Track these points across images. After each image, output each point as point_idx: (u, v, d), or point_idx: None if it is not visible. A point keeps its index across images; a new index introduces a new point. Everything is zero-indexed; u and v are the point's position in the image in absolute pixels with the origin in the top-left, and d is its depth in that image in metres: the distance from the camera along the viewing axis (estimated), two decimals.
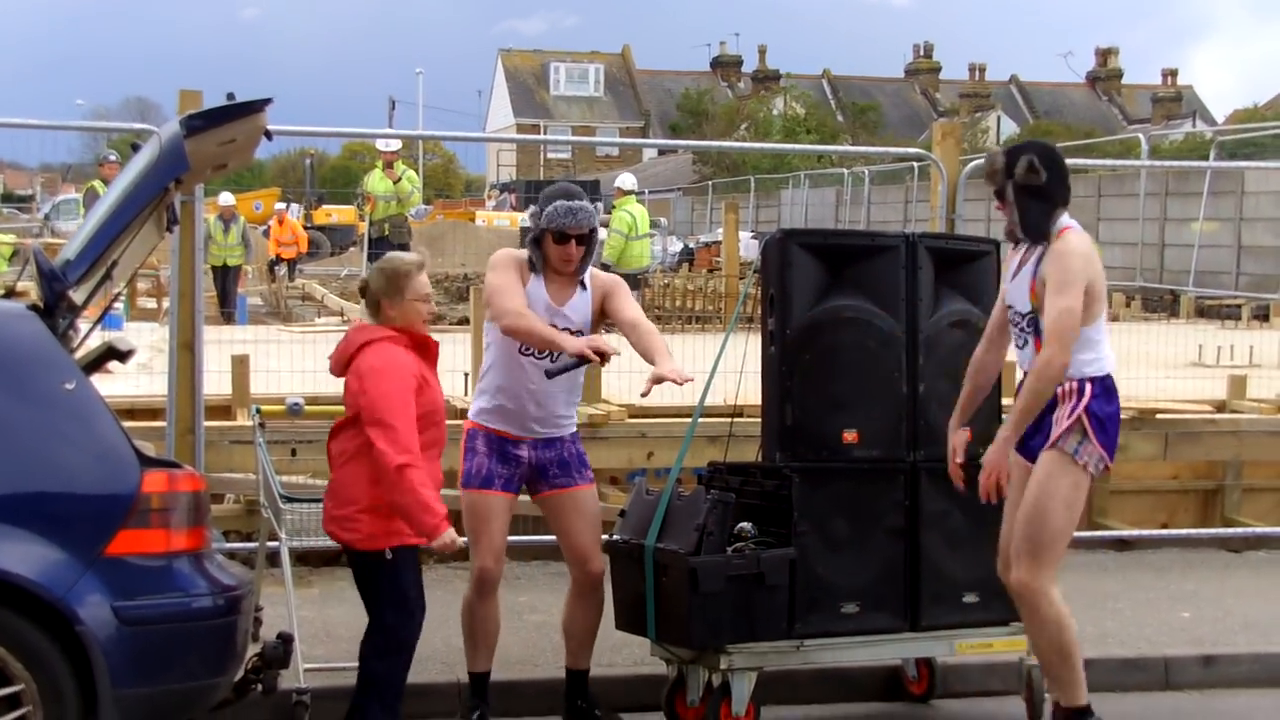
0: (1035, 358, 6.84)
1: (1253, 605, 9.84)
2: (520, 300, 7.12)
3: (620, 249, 21.23)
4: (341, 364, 6.78)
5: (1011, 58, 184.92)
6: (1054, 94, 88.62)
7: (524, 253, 7.40)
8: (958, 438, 7.15)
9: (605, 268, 21.25)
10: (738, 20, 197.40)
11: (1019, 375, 7.19)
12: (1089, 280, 6.79)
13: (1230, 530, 11.94)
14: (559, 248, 7.23)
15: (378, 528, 6.59)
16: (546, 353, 7.16)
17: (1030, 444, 6.96)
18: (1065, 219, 6.94)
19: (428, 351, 6.83)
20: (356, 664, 6.80)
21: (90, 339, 7.29)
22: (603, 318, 7.45)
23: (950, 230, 10.50)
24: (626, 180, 22.66)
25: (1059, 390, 6.84)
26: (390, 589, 6.65)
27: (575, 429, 7.59)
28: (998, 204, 7.06)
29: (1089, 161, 31.00)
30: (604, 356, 6.90)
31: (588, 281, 7.42)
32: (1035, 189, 6.90)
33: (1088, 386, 6.86)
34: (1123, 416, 11.37)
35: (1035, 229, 6.92)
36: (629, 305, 7.43)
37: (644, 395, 7.00)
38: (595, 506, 7.54)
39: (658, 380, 6.88)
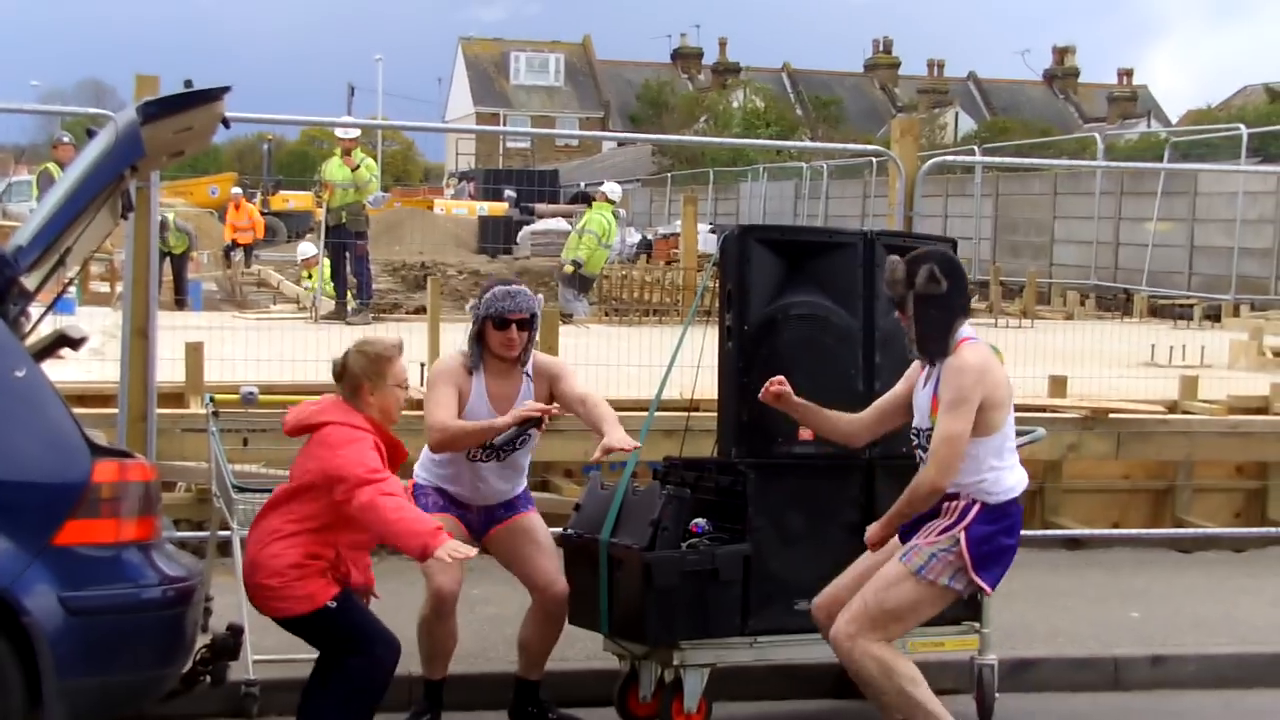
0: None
1: (1202, 605, 9.89)
2: (448, 411, 7.13)
3: (592, 250, 21.50)
4: (300, 427, 6.66)
5: (970, 54, 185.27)
6: (1011, 91, 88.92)
7: (460, 362, 7.40)
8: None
9: (576, 265, 21.43)
10: (698, 12, 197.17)
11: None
12: (985, 394, 6.60)
13: (1181, 530, 12.00)
14: (500, 333, 7.25)
15: (313, 585, 6.47)
16: (492, 456, 7.28)
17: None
18: (965, 329, 6.78)
19: (395, 456, 6.71)
20: (309, 658, 6.74)
21: (42, 325, 7.24)
22: (550, 403, 7.44)
23: (908, 226, 10.52)
24: (615, 191, 22.88)
25: (946, 504, 6.70)
26: (349, 635, 6.52)
27: (526, 489, 7.67)
28: (899, 314, 6.82)
29: (1045, 161, 31.21)
30: (539, 422, 7.07)
31: (530, 371, 7.43)
32: (935, 298, 6.69)
33: (973, 510, 6.66)
34: (1075, 416, 11.54)
35: (934, 342, 6.71)
36: (575, 384, 7.48)
37: (592, 464, 7.04)
38: (547, 531, 7.52)
39: (607, 450, 6.92)
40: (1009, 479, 6.76)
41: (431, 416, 7.14)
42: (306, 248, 22.06)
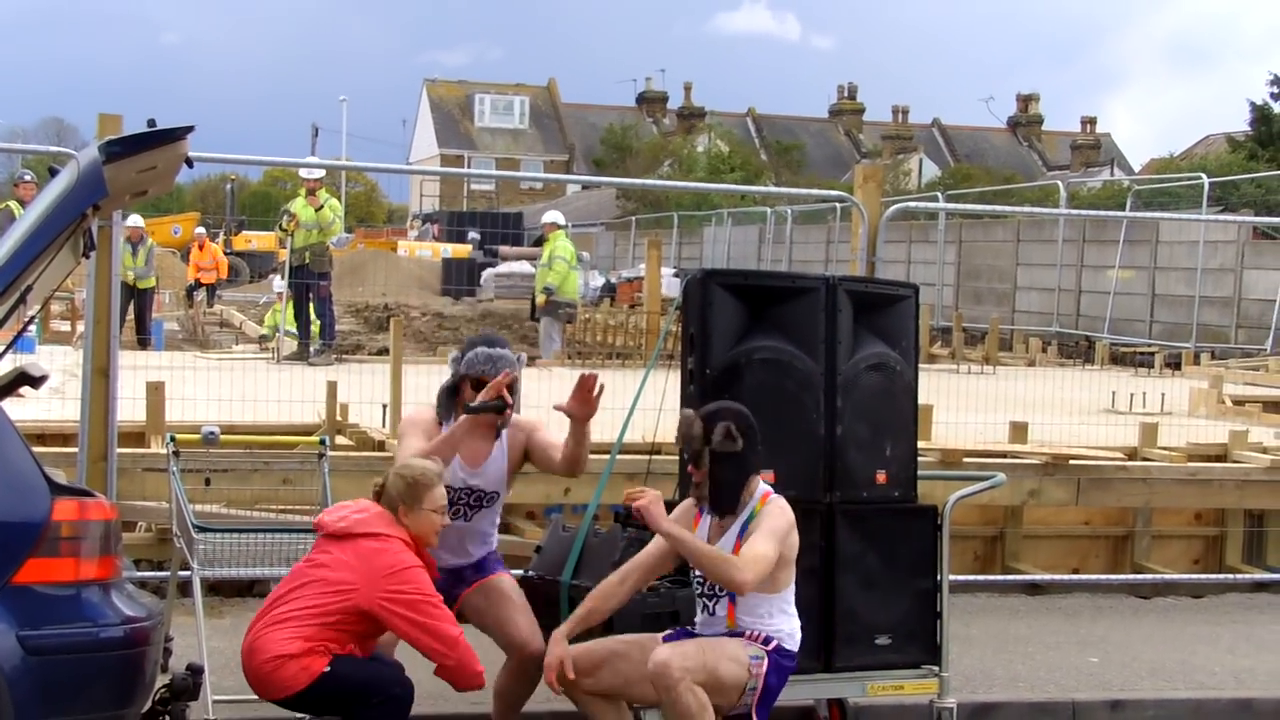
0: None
1: (1160, 651, 9.93)
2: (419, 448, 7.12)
3: (564, 275, 21.91)
4: (344, 534, 6.69)
5: (934, 101, 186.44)
6: (975, 138, 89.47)
7: (431, 414, 7.41)
8: (561, 649, 6.75)
9: (549, 292, 21.65)
10: (664, 57, 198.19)
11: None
12: (786, 550, 6.68)
13: (1140, 576, 12.05)
14: (476, 394, 7.25)
15: (307, 660, 6.48)
16: (458, 515, 7.28)
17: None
18: (762, 485, 6.82)
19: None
20: (265, 713, 6.72)
21: (1, 363, 7.21)
22: (524, 462, 7.47)
23: (870, 272, 10.57)
24: (558, 216, 23.46)
25: (746, 631, 6.72)
26: (357, 688, 6.51)
27: (495, 544, 7.67)
28: (691, 468, 6.79)
29: (1008, 208, 31.36)
30: (502, 409, 7.16)
31: (504, 433, 7.43)
32: (731, 456, 6.70)
33: (774, 642, 6.70)
34: (1036, 463, 11.61)
35: (728, 499, 6.73)
36: (551, 440, 7.50)
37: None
38: (520, 591, 7.49)
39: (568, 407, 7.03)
40: (796, 628, 6.82)
41: (400, 458, 7.14)
42: (282, 283, 22.14)
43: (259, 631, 6.60)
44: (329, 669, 6.45)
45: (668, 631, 6.92)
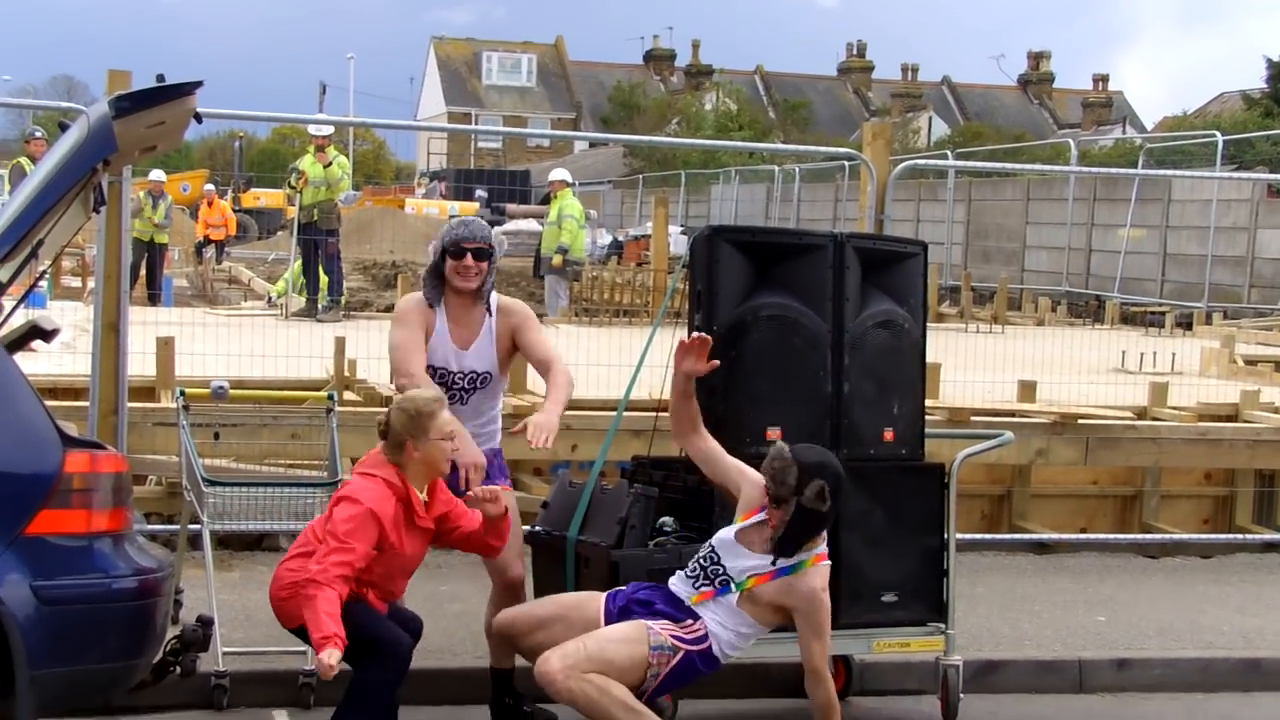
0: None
1: (1167, 611, 9.96)
2: (420, 361, 7.18)
3: (574, 233, 21.82)
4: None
5: (944, 59, 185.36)
6: (985, 96, 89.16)
7: (421, 297, 7.44)
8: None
9: (563, 250, 21.57)
10: (671, 14, 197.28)
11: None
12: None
13: (1148, 536, 12.07)
14: (456, 263, 7.29)
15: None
16: (455, 399, 7.26)
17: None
18: (822, 544, 6.81)
19: (435, 500, 6.81)
20: (279, 650, 6.76)
21: (14, 317, 7.24)
22: (514, 350, 7.46)
23: (879, 230, 10.56)
24: (567, 174, 23.31)
25: (689, 619, 6.69)
26: (355, 637, 6.45)
27: (499, 445, 7.61)
28: (771, 507, 6.72)
29: (1017, 166, 31.23)
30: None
31: (493, 307, 7.44)
32: (815, 515, 6.65)
33: (703, 645, 6.66)
34: (1044, 422, 11.62)
35: (789, 549, 6.69)
36: (541, 342, 7.49)
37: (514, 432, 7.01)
38: (515, 511, 7.50)
39: (522, 429, 6.91)
40: (737, 650, 6.80)
41: (405, 363, 7.16)
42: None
43: (284, 562, 6.69)
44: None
45: (610, 591, 6.88)
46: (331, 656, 6.10)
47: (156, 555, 6.46)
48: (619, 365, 10.35)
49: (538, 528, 7.65)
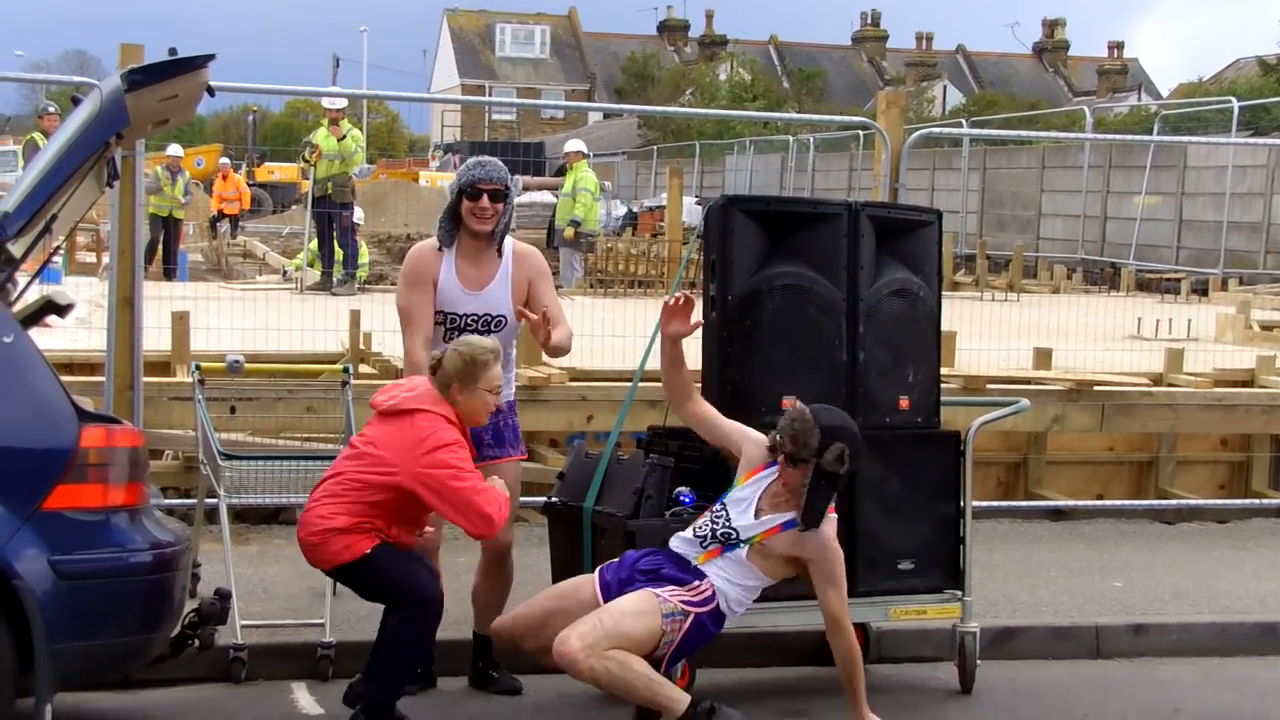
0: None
1: (1183, 576, 9.95)
2: (425, 350, 7.14)
3: (589, 206, 21.71)
4: (394, 411, 6.67)
5: (959, 27, 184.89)
6: (1000, 64, 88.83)
7: (427, 244, 7.43)
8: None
9: (576, 223, 21.48)
10: None
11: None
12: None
13: (1164, 502, 12.06)
14: (472, 203, 7.24)
15: (352, 538, 6.52)
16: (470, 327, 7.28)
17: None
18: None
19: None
20: (297, 623, 6.78)
21: (29, 293, 7.26)
22: (524, 298, 7.43)
23: (893, 199, 10.54)
24: (583, 145, 23.22)
25: (695, 581, 6.66)
26: (388, 582, 6.57)
27: (513, 397, 7.59)
28: (786, 467, 6.69)
29: (1032, 133, 31.15)
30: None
31: (507, 251, 7.42)
32: (832, 478, 6.62)
33: (710, 605, 6.65)
34: (1060, 389, 11.61)
35: (814, 515, 6.64)
36: (553, 298, 7.50)
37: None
38: (516, 480, 7.51)
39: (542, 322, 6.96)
40: (744, 605, 6.80)
41: (413, 354, 7.22)
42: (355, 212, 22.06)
43: (312, 504, 6.65)
44: (370, 553, 6.52)
45: (600, 567, 6.87)
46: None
47: (173, 529, 6.50)
48: (634, 336, 10.36)
49: (554, 499, 7.66)
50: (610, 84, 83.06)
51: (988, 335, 13.44)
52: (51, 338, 10.26)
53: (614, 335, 11.46)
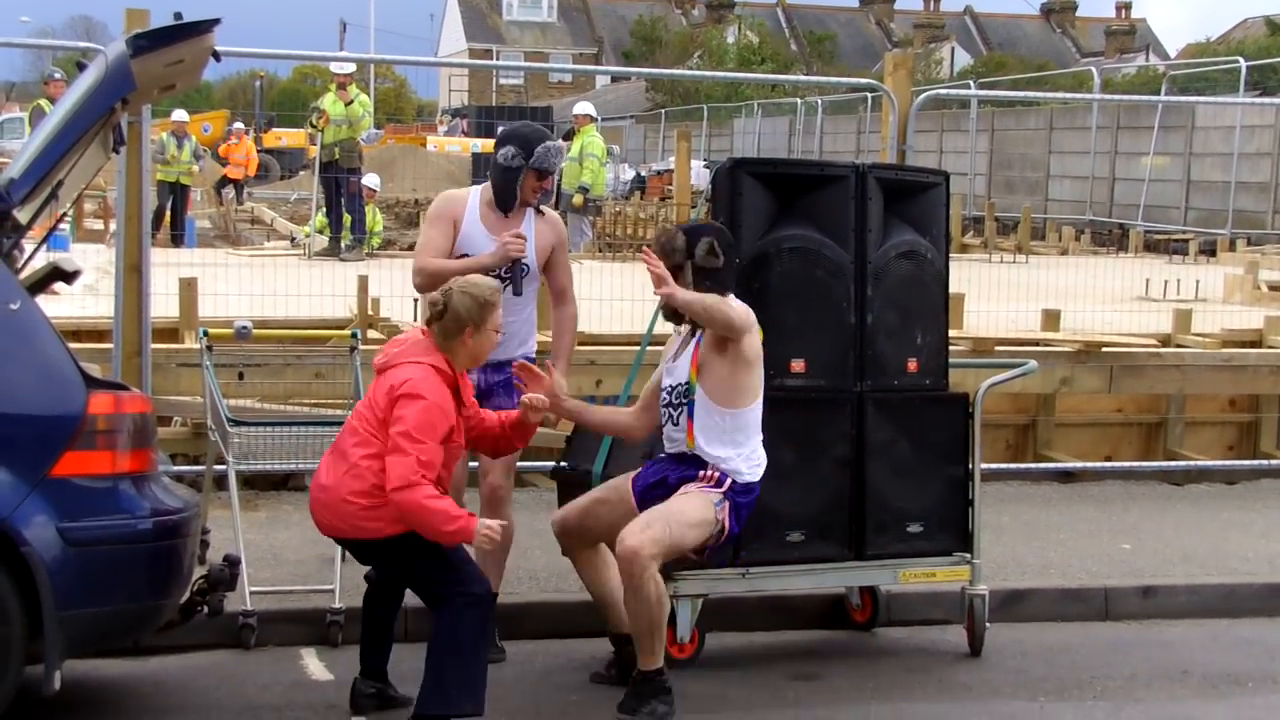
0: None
1: (1191, 538, 9.95)
2: (436, 257, 7.36)
3: (596, 172, 21.56)
4: (381, 365, 6.49)
5: None
6: (1008, 26, 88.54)
7: (459, 193, 7.60)
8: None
9: (584, 190, 21.37)
10: None
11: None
12: (748, 344, 6.71)
13: (1172, 464, 12.06)
14: (539, 183, 7.48)
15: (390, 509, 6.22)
16: (512, 282, 7.39)
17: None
18: (735, 302, 6.79)
19: (466, 394, 6.61)
20: (306, 589, 6.74)
21: (35, 259, 7.25)
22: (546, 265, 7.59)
23: (901, 161, 10.51)
24: (591, 108, 23.06)
25: (700, 471, 6.74)
26: (436, 569, 6.27)
27: (532, 346, 7.66)
28: (676, 279, 6.74)
29: (1040, 94, 31.08)
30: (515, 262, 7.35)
31: (529, 212, 7.57)
32: (711, 271, 6.78)
33: (728, 481, 6.71)
34: (1068, 350, 11.60)
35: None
36: (566, 267, 7.73)
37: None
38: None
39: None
40: (756, 459, 6.83)
41: (418, 259, 7.45)
42: (372, 179, 21.91)
43: (329, 468, 6.35)
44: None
45: (638, 470, 6.97)
46: (483, 528, 6.06)
47: (182, 495, 6.50)
48: (642, 300, 10.34)
49: (562, 463, 7.66)
50: (618, 47, 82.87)
51: (996, 297, 13.42)
52: (60, 305, 10.29)
53: (622, 299, 11.45)
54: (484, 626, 6.34)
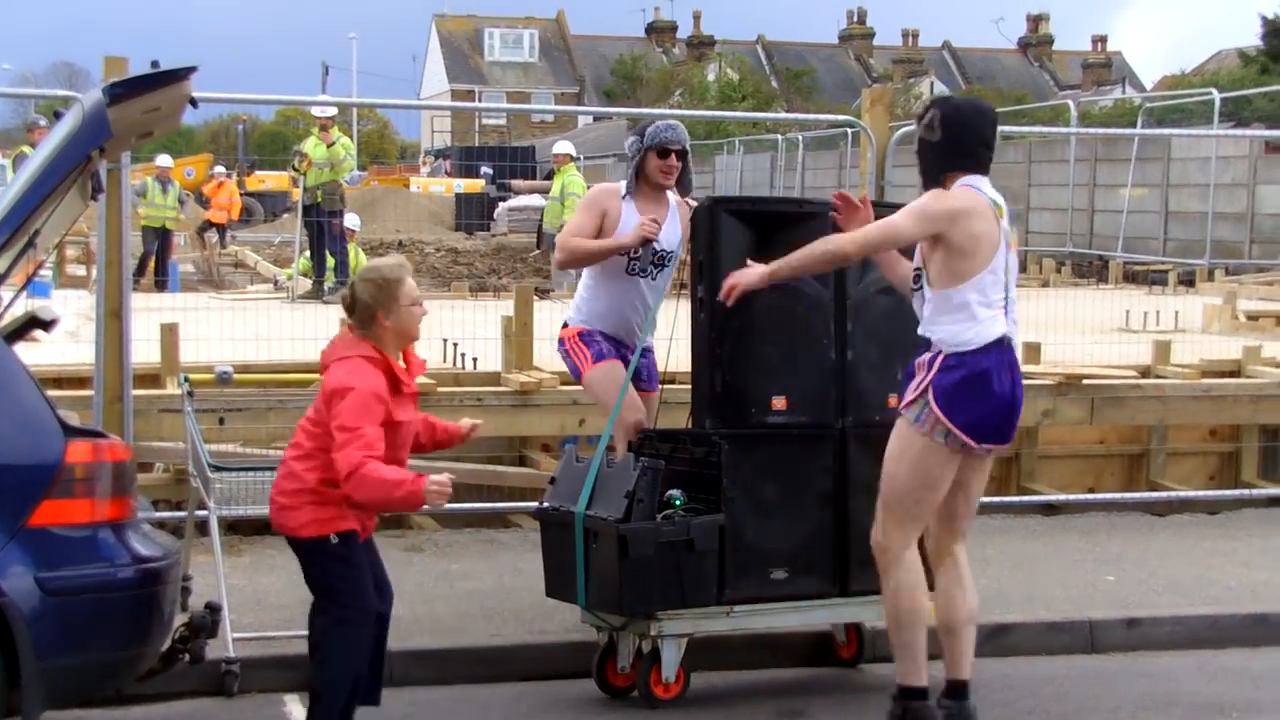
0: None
1: (1175, 567, 9.96)
2: (575, 233, 7.99)
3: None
4: (322, 368, 6.62)
5: (944, 23, 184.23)
6: (986, 60, 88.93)
7: (613, 186, 8.16)
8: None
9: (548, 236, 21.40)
10: None
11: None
12: (957, 236, 6.70)
13: (1155, 494, 12.08)
14: (661, 161, 8.00)
15: (322, 513, 6.37)
16: (642, 267, 7.94)
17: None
18: (966, 179, 6.82)
19: (412, 371, 6.65)
20: (290, 634, 6.74)
21: (14, 308, 7.24)
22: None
23: (880, 196, 10.53)
24: (571, 147, 23.20)
25: (916, 360, 6.82)
26: (324, 581, 6.43)
27: (652, 344, 8.22)
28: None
29: (1019, 128, 31.23)
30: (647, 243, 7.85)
31: (672, 198, 8.09)
32: (929, 144, 6.88)
33: (938, 360, 6.74)
34: (1049, 383, 11.61)
35: (926, 181, 6.92)
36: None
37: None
38: (654, 410, 8.19)
39: None
40: (969, 332, 6.80)
41: (561, 239, 8.13)
42: (353, 218, 21.93)
43: (282, 470, 6.53)
44: (330, 540, 6.37)
45: None
46: (431, 484, 6.12)
47: (162, 543, 6.47)
48: None
49: (545, 504, 7.66)
50: (599, 86, 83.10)
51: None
52: (42, 352, 10.27)
53: None
54: (355, 645, 6.39)
